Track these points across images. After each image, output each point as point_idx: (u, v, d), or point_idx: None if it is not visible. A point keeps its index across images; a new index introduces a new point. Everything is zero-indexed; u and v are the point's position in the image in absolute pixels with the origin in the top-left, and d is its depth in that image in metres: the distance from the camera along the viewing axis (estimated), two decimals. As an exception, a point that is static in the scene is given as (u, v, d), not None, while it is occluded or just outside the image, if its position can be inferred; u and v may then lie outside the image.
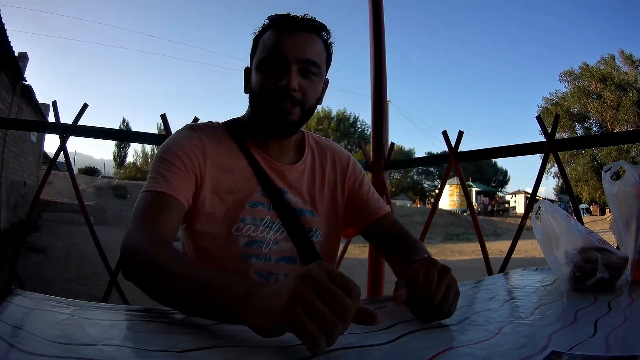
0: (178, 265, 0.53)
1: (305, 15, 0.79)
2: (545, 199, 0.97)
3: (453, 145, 1.58)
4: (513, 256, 1.41)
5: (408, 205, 25.30)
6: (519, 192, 30.57)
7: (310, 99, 0.79)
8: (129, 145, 31.29)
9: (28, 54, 7.21)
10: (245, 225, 0.79)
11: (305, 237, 0.83)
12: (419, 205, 23.67)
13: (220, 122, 0.88)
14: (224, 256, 0.79)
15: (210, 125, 0.85)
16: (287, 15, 0.78)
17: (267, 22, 0.80)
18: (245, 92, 0.85)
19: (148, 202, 0.70)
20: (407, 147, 35.64)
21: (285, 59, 0.75)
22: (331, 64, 0.84)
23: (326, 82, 0.86)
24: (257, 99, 0.79)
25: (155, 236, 0.64)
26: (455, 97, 64.17)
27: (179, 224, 0.75)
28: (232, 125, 0.86)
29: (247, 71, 0.85)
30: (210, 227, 0.78)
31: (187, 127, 0.82)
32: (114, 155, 31.39)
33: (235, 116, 0.90)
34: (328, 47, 0.82)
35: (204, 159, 0.77)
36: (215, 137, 0.81)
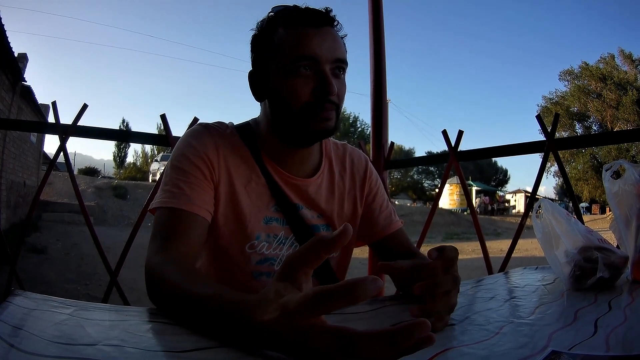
0: (194, 286, 0.48)
1: (325, 7, 0.70)
2: (545, 197, 0.96)
3: (453, 145, 1.58)
4: (513, 255, 1.41)
5: (408, 204, 25.27)
6: (519, 191, 30.57)
7: (343, 101, 0.73)
8: (129, 146, 31.36)
9: (28, 55, 7.21)
10: (260, 242, 0.75)
11: None
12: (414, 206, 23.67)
13: (234, 124, 0.80)
14: (235, 270, 0.76)
15: (224, 127, 0.77)
16: (303, 8, 0.69)
17: (273, 15, 0.71)
18: (259, 99, 0.76)
19: (169, 220, 0.65)
20: (407, 146, 35.69)
21: (318, 60, 0.67)
22: None
23: None
24: (287, 108, 0.70)
25: (176, 260, 0.60)
26: (455, 97, 64.19)
27: (203, 240, 0.70)
28: (245, 131, 0.78)
29: (256, 75, 0.74)
30: (222, 242, 0.74)
31: (202, 126, 0.75)
32: (114, 156, 31.45)
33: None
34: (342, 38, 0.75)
35: (219, 165, 0.72)
36: (229, 142, 0.75)
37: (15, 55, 5.88)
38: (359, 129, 31.44)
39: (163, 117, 1.45)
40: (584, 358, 0.41)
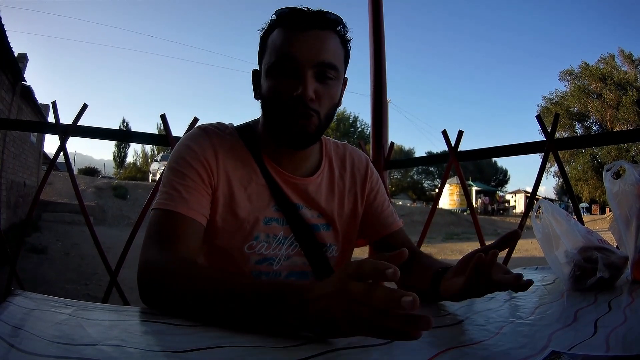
0: (217, 279, 0.53)
1: (319, 9, 0.69)
2: (545, 198, 0.96)
3: (453, 145, 1.58)
4: (513, 255, 1.41)
5: (408, 204, 25.27)
6: (519, 191, 30.56)
7: (328, 106, 0.71)
8: (129, 146, 31.38)
9: (28, 55, 7.20)
10: (259, 243, 0.75)
11: (320, 252, 0.79)
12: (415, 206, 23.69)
13: (234, 125, 0.81)
14: (233, 270, 0.75)
15: (223, 129, 0.77)
16: (297, 10, 0.69)
17: (274, 18, 0.71)
18: (256, 98, 0.76)
19: (166, 222, 0.65)
20: (407, 146, 35.67)
21: (298, 63, 0.67)
22: (349, 61, 0.76)
23: (345, 81, 0.77)
24: (269, 109, 0.72)
25: (179, 257, 0.61)
26: (455, 97, 64.24)
27: (199, 244, 0.70)
28: (245, 132, 0.78)
29: (256, 75, 0.77)
30: (221, 242, 0.74)
31: (200, 129, 0.75)
32: (113, 156, 31.47)
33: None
34: (345, 43, 0.73)
35: (217, 168, 0.72)
36: (229, 145, 0.75)
37: (15, 55, 5.87)
38: (359, 129, 31.42)
39: (163, 117, 1.45)
40: (584, 358, 0.41)
